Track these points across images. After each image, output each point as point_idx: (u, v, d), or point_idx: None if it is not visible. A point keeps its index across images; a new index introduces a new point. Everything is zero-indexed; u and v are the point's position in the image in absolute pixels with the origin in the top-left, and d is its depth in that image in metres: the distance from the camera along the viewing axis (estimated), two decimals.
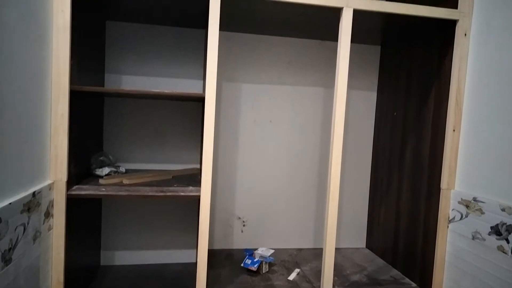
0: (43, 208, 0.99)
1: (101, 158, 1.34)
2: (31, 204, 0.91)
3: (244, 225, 1.70)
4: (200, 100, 1.36)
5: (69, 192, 1.08)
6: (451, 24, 1.27)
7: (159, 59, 1.53)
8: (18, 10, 0.85)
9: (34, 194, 0.93)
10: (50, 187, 1.03)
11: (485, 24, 1.20)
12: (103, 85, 1.48)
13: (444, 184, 1.30)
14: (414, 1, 1.45)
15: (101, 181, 1.23)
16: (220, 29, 1.54)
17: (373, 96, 1.77)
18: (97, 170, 1.30)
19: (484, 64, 1.20)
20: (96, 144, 1.42)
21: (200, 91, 1.58)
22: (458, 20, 1.24)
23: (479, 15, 1.22)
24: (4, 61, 0.80)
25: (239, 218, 1.69)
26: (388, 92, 1.68)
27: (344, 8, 1.18)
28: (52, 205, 1.05)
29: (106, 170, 1.30)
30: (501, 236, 1.09)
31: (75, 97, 1.11)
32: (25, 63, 0.89)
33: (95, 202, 1.44)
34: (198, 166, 1.59)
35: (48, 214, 1.02)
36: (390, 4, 1.20)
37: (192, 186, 1.26)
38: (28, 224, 0.90)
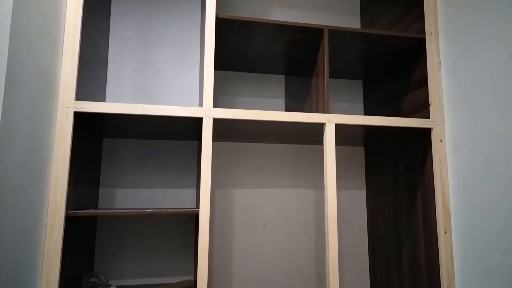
0: None
1: (92, 279, 1.30)
2: None
3: None
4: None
5: None
6: (427, 130, 1.37)
7: (153, 171, 1.58)
8: (24, 146, 0.91)
9: None
10: None
11: (457, 131, 1.30)
12: (97, 201, 1.50)
13: (444, 287, 1.27)
14: (390, 113, 1.59)
15: None
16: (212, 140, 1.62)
17: (362, 195, 1.81)
18: None
19: (463, 168, 1.27)
20: (87, 263, 1.38)
21: (194, 199, 1.60)
22: (432, 128, 1.34)
23: (451, 124, 1.33)
24: (5, 195, 0.83)
25: None
26: (376, 191, 1.72)
27: (326, 123, 1.28)
28: None
29: None
30: None
31: (69, 221, 1.12)
32: (24, 195, 0.92)
33: None
34: (192, 278, 1.54)
35: None
36: (368, 118, 1.30)
37: None
38: None
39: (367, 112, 1.82)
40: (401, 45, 1.45)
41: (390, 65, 1.61)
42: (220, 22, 1.28)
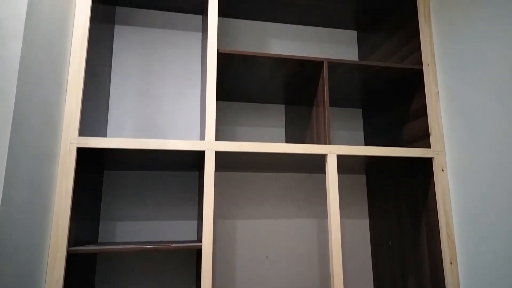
0: None
1: None
2: None
3: None
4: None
5: None
6: (429, 160, 1.37)
7: (154, 202, 1.57)
8: (27, 185, 0.90)
9: None
10: None
11: (458, 160, 1.30)
12: (97, 234, 1.48)
13: None
14: (390, 141, 1.59)
15: None
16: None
17: (365, 224, 1.80)
18: None
19: (467, 197, 1.26)
20: None
21: (195, 230, 1.59)
22: (433, 157, 1.35)
23: (452, 153, 1.33)
24: (7, 237, 0.82)
25: None
26: (379, 220, 1.71)
27: (328, 154, 1.28)
28: None
29: None
30: None
31: (70, 258, 1.10)
32: (27, 236, 0.91)
33: None
34: None
35: None
36: (369, 148, 1.31)
37: None
38: None
39: (367, 140, 1.83)
40: (399, 76, 1.47)
41: (389, 94, 1.63)
42: (221, 57, 1.30)
